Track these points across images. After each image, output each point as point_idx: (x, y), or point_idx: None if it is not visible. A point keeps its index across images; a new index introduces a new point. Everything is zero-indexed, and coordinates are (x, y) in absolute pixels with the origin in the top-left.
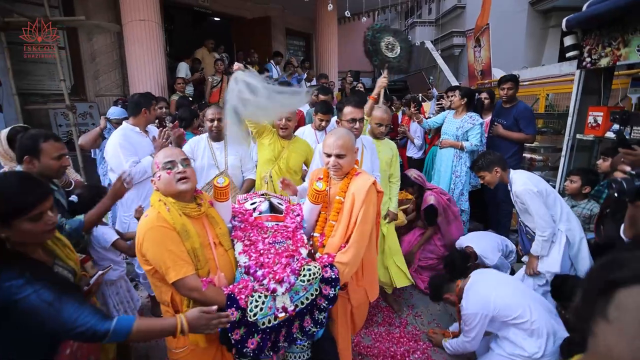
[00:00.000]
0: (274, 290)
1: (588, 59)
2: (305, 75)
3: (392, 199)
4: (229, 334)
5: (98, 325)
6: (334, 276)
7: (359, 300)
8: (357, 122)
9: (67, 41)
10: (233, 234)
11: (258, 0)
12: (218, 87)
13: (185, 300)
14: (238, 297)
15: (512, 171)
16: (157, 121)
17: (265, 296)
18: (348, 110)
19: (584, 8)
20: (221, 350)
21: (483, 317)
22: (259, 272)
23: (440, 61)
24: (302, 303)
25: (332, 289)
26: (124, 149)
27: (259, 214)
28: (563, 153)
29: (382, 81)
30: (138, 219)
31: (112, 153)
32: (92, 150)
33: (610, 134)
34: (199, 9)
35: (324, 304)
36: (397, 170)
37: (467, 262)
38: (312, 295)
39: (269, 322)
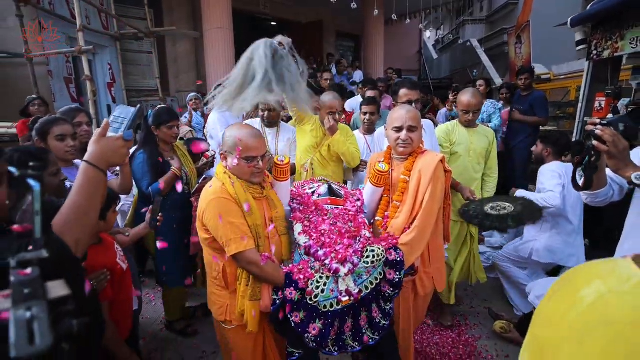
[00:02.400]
0: (337, 271)
1: (595, 52)
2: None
3: (485, 194)
4: (288, 315)
5: (145, 190)
6: (398, 259)
7: (426, 289)
8: (414, 104)
9: (157, 46)
10: (292, 215)
11: (311, 5)
12: None
13: (243, 277)
14: (297, 278)
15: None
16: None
17: (327, 277)
18: (404, 92)
19: (588, 7)
20: (265, 333)
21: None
22: (321, 252)
23: (484, 58)
24: (367, 288)
25: (397, 273)
26: (220, 122)
27: (318, 197)
28: (574, 135)
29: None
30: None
31: (212, 125)
32: None
33: (610, 116)
34: (260, 15)
35: (389, 291)
36: (494, 162)
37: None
38: (375, 279)
39: (331, 306)
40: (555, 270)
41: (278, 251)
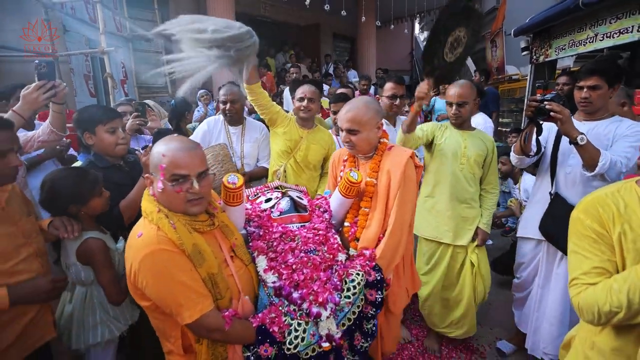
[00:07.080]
0: (318, 315)
1: (534, 57)
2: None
3: (484, 212)
4: None
5: None
6: (379, 277)
7: (401, 304)
8: (398, 99)
9: (164, 46)
10: (252, 244)
11: (309, 8)
12: None
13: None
14: (271, 330)
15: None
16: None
17: (307, 322)
18: (389, 85)
19: (526, 20)
20: None
21: None
22: (296, 295)
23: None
24: (350, 320)
25: (379, 292)
26: None
27: (280, 214)
28: (522, 127)
29: (421, 90)
30: None
31: None
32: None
33: None
34: (261, 18)
35: (372, 312)
36: (495, 175)
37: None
38: (358, 307)
39: (313, 351)
40: None
41: (250, 288)
